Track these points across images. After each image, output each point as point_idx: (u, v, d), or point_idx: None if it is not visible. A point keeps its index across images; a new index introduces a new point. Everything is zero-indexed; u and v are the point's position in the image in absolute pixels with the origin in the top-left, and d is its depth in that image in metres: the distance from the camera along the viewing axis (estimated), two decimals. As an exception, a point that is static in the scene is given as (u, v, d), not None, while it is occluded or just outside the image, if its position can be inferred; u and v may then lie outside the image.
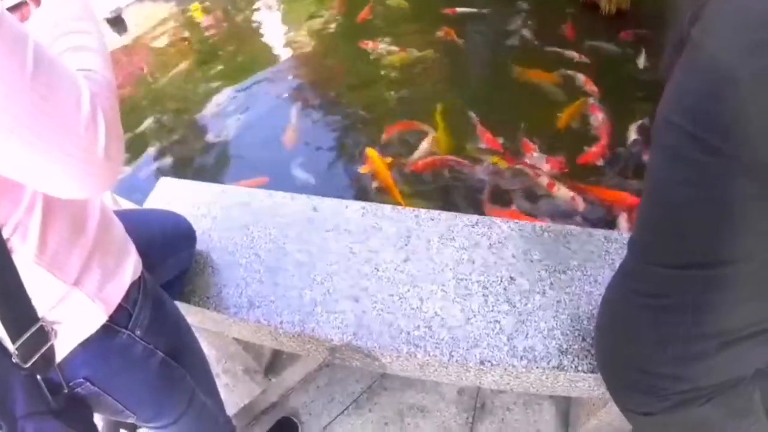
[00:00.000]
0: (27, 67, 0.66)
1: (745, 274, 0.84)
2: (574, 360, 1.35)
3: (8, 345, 0.86)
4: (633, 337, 1.09)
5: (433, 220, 1.69)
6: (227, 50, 4.53)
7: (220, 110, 3.75)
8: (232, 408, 1.95)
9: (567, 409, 2.01)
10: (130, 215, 1.17)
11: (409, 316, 1.46)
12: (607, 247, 1.57)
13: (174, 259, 1.52)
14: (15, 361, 0.87)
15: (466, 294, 1.49)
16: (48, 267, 0.87)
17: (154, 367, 1.12)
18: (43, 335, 0.89)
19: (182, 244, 1.58)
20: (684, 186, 0.83)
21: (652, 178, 0.95)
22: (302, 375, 2.20)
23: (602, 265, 1.53)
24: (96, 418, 1.11)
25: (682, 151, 0.81)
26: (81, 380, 1.00)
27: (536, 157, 2.96)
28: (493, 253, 1.58)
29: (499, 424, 2.02)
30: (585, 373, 1.33)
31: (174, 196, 1.89)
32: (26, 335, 0.86)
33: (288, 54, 4.33)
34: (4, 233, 0.79)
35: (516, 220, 1.68)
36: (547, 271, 1.53)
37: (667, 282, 0.97)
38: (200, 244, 1.69)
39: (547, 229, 1.64)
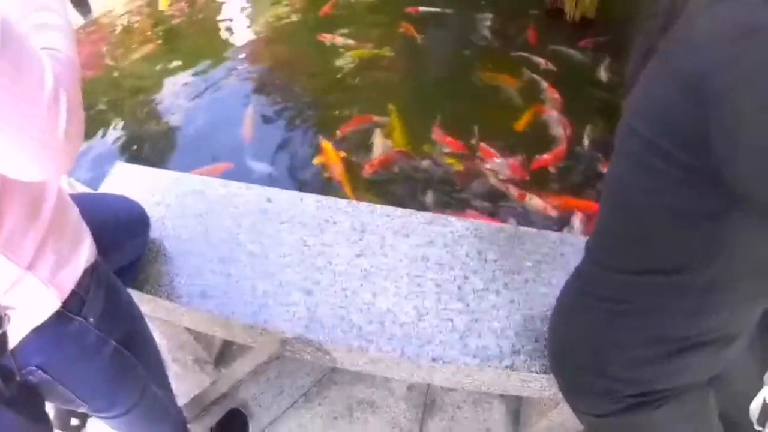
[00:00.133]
0: None
1: (703, 281, 0.86)
2: (527, 360, 1.36)
3: None
4: (588, 339, 1.10)
5: (388, 216, 1.69)
6: (189, 36, 4.47)
7: (177, 95, 3.70)
8: (182, 398, 1.92)
9: (518, 409, 2.03)
10: (82, 198, 1.15)
11: (362, 311, 1.46)
12: (562, 249, 1.59)
13: (127, 245, 1.49)
14: None
15: (420, 291, 1.50)
16: (2, 250, 0.85)
17: (106, 356, 1.10)
18: None
19: (136, 230, 1.56)
20: (645, 193, 0.84)
21: (613, 184, 0.96)
22: (252, 367, 2.18)
23: (556, 267, 1.55)
24: (47, 406, 1.09)
25: (643, 158, 0.81)
26: (33, 368, 0.98)
27: (491, 158, 2.97)
28: (448, 252, 1.59)
29: (449, 421, 2.03)
30: (537, 373, 1.35)
31: (129, 181, 1.85)
32: None
33: (248, 43, 4.29)
34: None
35: (471, 220, 1.69)
36: (501, 271, 1.54)
37: (625, 287, 0.98)
38: (154, 232, 1.66)
39: (501, 230, 1.65)
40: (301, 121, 3.41)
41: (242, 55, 4.12)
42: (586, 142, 3.08)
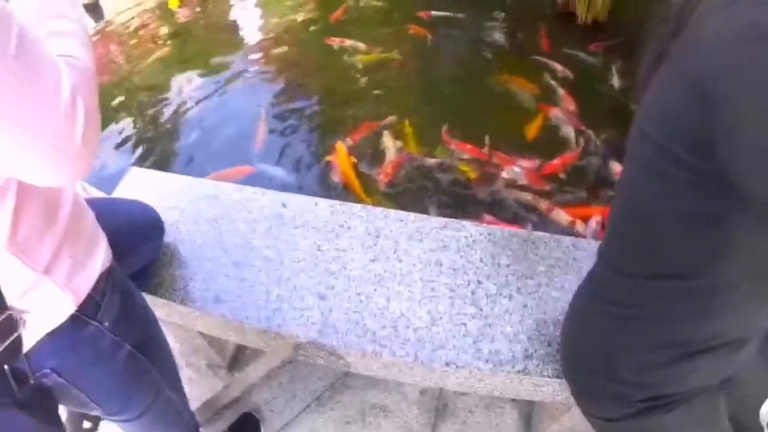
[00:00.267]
0: (9, 49, 0.65)
1: (710, 285, 0.86)
2: (539, 364, 1.36)
3: None
4: (600, 344, 1.10)
5: (402, 221, 1.69)
6: (201, 40, 4.48)
7: (190, 100, 3.71)
8: (195, 402, 1.92)
9: (529, 413, 2.03)
10: (97, 203, 1.16)
11: (376, 316, 1.46)
12: (575, 254, 1.59)
13: (141, 250, 1.50)
14: None
15: (433, 296, 1.50)
16: (18, 254, 0.85)
17: (121, 360, 1.11)
18: (12, 324, 0.87)
19: (150, 234, 1.56)
20: (656, 197, 0.84)
21: (625, 189, 0.96)
22: (265, 371, 2.18)
23: (569, 271, 1.54)
24: (60, 409, 1.10)
25: (654, 163, 0.81)
26: (48, 371, 0.98)
27: (503, 163, 2.96)
28: (461, 257, 1.59)
29: (461, 426, 2.03)
30: (549, 377, 1.35)
31: (143, 186, 1.86)
32: None
33: (260, 48, 4.30)
34: None
35: (485, 225, 1.70)
36: (514, 275, 1.54)
37: (636, 291, 0.98)
38: (168, 236, 1.67)
39: (515, 235, 1.65)
40: (314, 126, 3.41)
41: (254, 59, 4.13)
42: (598, 146, 3.07)
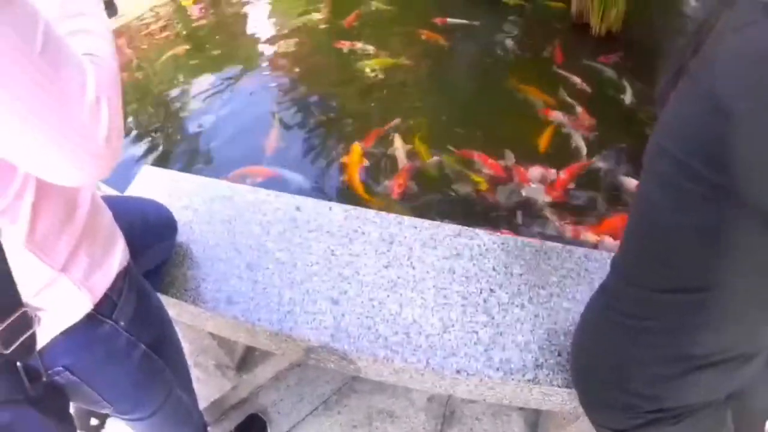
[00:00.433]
0: (36, 47, 0.65)
1: (726, 300, 0.86)
2: (549, 374, 1.36)
3: None
4: (612, 355, 1.10)
5: (416, 227, 1.69)
6: (214, 39, 4.49)
7: (203, 99, 3.72)
8: (203, 402, 1.93)
9: (536, 422, 2.02)
10: (110, 200, 1.16)
11: (388, 322, 1.47)
12: (587, 265, 1.59)
13: (154, 249, 1.50)
14: None
15: (445, 303, 1.50)
16: (36, 251, 0.85)
17: (136, 359, 1.11)
18: (26, 321, 0.87)
19: (163, 234, 1.57)
20: (672, 212, 0.84)
21: (642, 202, 0.96)
22: (273, 373, 2.19)
23: (580, 282, 1.54)
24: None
25: (672, 178, 0.82)
26: (60, 368, 0.98)
27: (517, 172, 2.96)
28: (474, 265, 1.59)
29: (467, 433, 2.03)
30: (559, 387, 1.35)
31: (156, 185, 1.87)
32: (8, 320, 0.84)
33: (272, 49, 4.30)
34: None
35: (498, 234, 1.70)
36: (526, 285, 1.54)
37: (649, 304, 0.98)
38: (181, 236, 1.68)
39: (527, 244, 1.65)
40: (329, 130, 3.41)
41: (266, 60, 4.14)
42: (610, 156, 3.06)
